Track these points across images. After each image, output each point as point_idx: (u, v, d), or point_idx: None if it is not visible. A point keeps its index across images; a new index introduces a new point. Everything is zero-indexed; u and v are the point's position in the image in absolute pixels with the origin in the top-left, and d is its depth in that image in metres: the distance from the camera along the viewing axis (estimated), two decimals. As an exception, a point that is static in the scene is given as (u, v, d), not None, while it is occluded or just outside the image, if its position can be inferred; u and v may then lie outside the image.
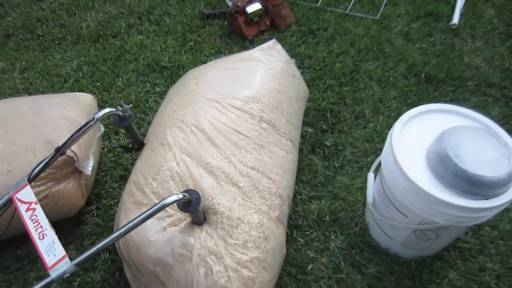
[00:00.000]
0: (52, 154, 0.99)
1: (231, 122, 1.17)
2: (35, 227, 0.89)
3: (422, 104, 1.11)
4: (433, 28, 2.03)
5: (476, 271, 1.21)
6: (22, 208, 0.92)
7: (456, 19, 2.01)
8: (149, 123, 1.64)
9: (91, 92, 1.79)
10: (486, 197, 0.91)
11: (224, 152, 1.11)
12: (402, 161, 0.98)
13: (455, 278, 1.19)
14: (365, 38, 1.99)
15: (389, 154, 1.03)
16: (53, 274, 0.83)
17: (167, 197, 0.87)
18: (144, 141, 1.24)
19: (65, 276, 0.83)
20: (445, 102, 1.11)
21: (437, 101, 1.65)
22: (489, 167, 0.91)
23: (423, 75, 1.79)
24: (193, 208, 0.92)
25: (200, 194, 1.02)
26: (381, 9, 2.14)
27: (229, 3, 2.11)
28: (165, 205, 0.86)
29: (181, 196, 0.89)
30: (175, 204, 0.93)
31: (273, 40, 1.43)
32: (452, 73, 1.78)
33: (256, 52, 1.37)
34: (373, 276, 1.20)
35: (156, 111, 1.61)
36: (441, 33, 2.01)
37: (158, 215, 1.01)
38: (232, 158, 1.11)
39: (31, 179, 0.97)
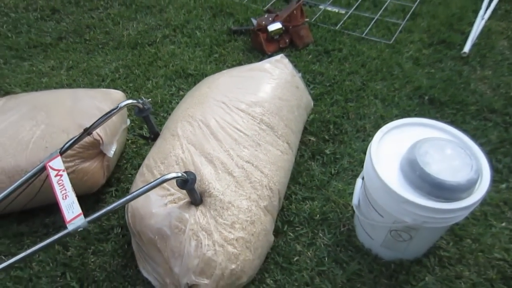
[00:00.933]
0: (81, 133, 1.19)
1: (234, 121, 1.33)
2: (60, 189, 1.08)
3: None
4: (444, 55, 2.13)
5: (452, 278, 1.27)
6: (52, 173, 1.12)
7: (467, 48, 2.09)
8: (170, 122, 1.83)
9: (123, 91, 2.01)
10: (448, 200, 1.02)
11: (224, 145, 1.27)
12: (377, 164, 1.11)
13: (431, 282, 1.26)
14: (377, 60, 2.12)
15: (368, 158, 1.16)
16: (70, 227, 1.01)
17: (168, 173, 1.04)
18: (160, 133, 1.43)
19: (79, 229, 1.01)
20: (445, 123, 1.21)
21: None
22: (452, 173, 1.02)
23: (427, 97, 1.88)
24: (189, 186, 1.08)
25: (199, 178, 1.19)
26: (395, 35, 2.27)
27: (254, 22, 2.31)
28: (165, 180, 1.03)
29: (179, 174, 1.05)
30: (177, 186, 1.10)
31: (281, 55, 1.60)
32: (456, 97, 1.86)
33: (264, 64, 1.54)
34: (353, 273, 1.30)
35: (177, 111, 1.80)
36: (451, 60, 2.10)
37: (161, 192, 1.19)
38: (230, 151, 1.27)
39: (62, 152, 1.18)
